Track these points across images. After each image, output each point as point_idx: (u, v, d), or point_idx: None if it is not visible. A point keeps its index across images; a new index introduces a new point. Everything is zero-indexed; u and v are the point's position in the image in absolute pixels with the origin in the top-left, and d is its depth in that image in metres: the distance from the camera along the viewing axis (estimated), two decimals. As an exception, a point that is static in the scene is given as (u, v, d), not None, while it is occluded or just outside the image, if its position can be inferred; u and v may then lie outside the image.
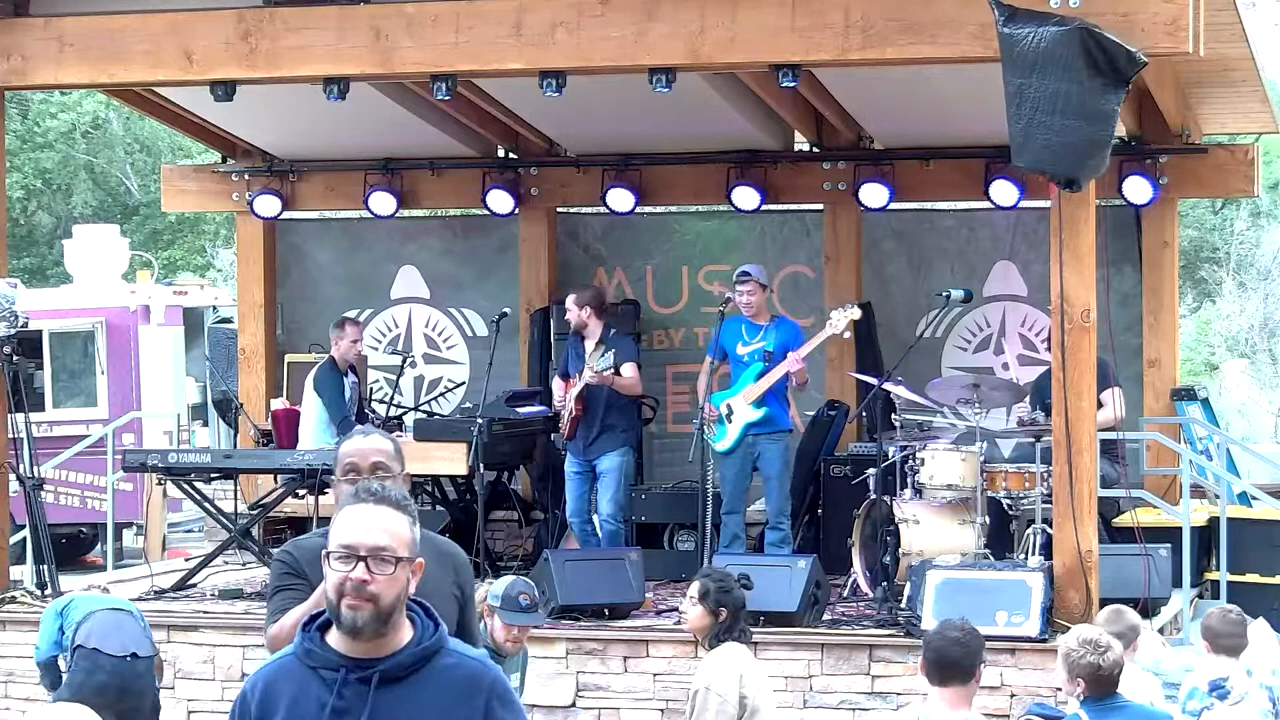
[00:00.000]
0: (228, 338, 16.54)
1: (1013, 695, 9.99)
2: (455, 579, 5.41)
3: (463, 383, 14.84)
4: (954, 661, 6.39)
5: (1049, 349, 11.08)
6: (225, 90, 11.27)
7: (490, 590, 8.09)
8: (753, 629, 8.08)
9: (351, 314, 14.87)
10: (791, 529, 12.58)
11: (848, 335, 12.15)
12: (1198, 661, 8.47)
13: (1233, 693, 7.97)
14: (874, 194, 13.70)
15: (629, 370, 12.24)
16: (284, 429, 13.55)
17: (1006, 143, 9.93)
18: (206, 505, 12.93)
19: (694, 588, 7.83)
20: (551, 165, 14.68)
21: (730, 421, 11.91)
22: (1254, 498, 13.19)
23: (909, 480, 11.70)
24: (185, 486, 12.72)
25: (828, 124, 13.83)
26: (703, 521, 11.66)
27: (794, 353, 11.83)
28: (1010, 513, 11.70)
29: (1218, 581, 12.19)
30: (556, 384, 12.65)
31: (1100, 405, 11.92)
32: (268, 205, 14.75)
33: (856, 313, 11.89)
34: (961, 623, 6.55)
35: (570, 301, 12.59)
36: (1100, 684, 6.61)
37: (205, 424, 19.86)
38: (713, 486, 11.87)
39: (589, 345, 12.46)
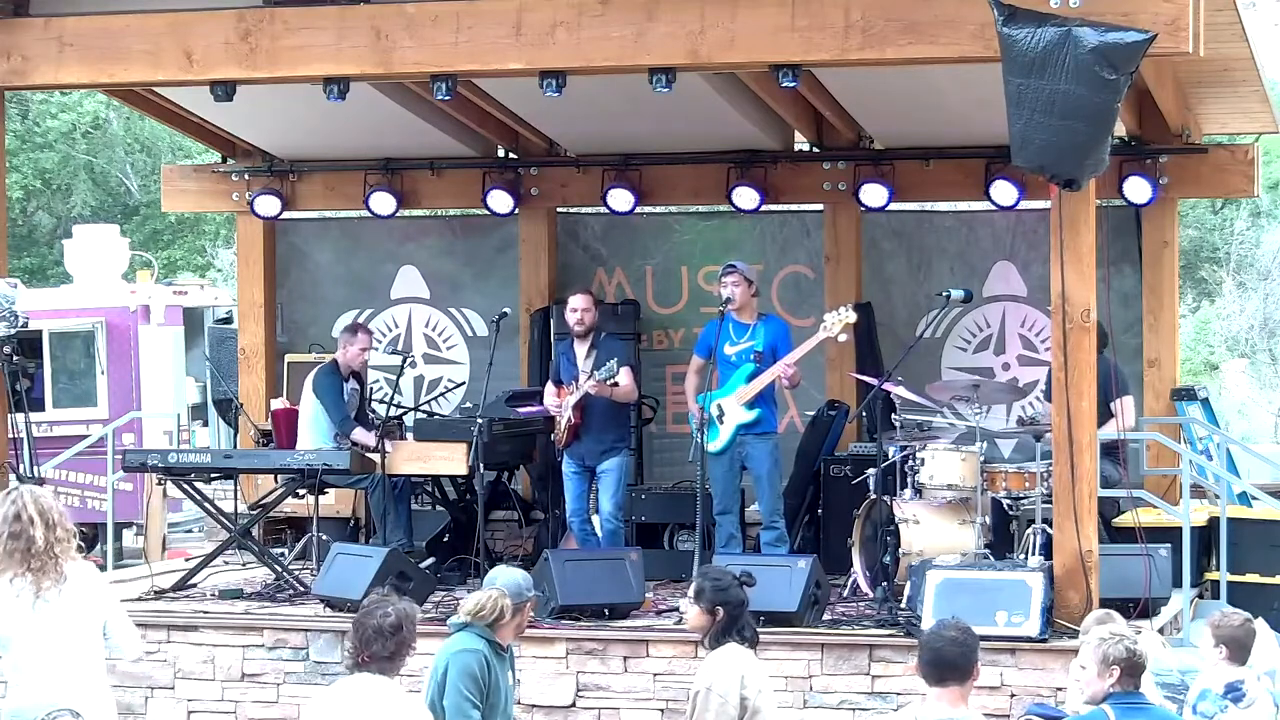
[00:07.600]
0: (228, 338, 16.53)
1: (1013, 695, 9.99)
2: None
3: (463, 383, 14.83)
4: (950, 662, 6.40)
5: (1049, 349, 11.07)
6: (225, 90, 11.26)
7: (508, 587, 8.01)
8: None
9: (352, 314, 14.90)
10: (791, 529, 12.59)
11: (843, 339, 12.10)
12: (1203, 663, 8.46)
13: (1246, 696, 7.98)
14: (874, 194, 13.70)
15: (625, 377, 12.18)
16: (284, 429, 13.55)
17: (1006, 143, 9.93)
18: (206, 505, 12.92)
19: (691, 587, 7.83)
20: (551, 165, 14.66)
21: (722, 422, 11.88)
22: (1254, 498, 13.17)
23: (909, 480, 11.70)
24: (185, 486, 12.72)
25: (828, 124, 13.83)
26: (700, 522, 11.65)
27: (787, 358, 11.81)
28: (1010, 513, 11.71)
29: (1218, 581, 12.18)
30: (549, 390, 12.60)
31: (1111, 416, 11.94)
32: (268, 205, 14.74)
33: (852, 316, 11.84)
34: (956, 622, 6.56)
35: (589, 301, 12.53)
36: (1134, 671, 6.66)
37: (205, 424, 19.85)
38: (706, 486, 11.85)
39: (580, 351, 12.43)
